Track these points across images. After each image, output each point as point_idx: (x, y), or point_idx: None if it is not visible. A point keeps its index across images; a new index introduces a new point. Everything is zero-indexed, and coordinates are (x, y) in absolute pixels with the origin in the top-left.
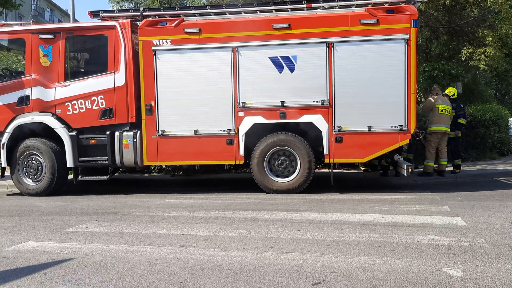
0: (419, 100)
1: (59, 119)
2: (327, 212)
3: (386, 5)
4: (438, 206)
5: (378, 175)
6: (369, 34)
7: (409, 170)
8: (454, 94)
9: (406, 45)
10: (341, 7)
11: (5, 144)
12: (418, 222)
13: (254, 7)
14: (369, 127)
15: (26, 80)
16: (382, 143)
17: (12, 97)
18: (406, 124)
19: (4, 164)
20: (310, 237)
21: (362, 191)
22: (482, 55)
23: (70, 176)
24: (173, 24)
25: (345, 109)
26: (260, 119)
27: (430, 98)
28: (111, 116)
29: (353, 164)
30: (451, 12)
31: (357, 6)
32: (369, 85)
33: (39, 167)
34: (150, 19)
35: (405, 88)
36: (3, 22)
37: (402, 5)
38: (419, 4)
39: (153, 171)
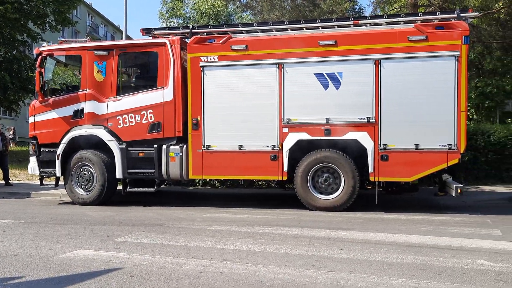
0: (470, 117)
1: (110, 132)
2: (371, 231)
3: (435, 22)
4: (489, 229)
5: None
6: (417, 51)
7: (458, 191)
8: None
9: (456, 62)
10: (388, 23)
11: (60, 155)
12: (466, 246)
13: (301, 24)
14: (416, 145)
15: (81, 94)
16: (430, 162)
17: (68, 110)
18: (455, 143)
19: (58, 174)
20: (353, 256)
21: (408, 211)
22: None
23: (119, 187)
24: (220, 41)
25: (391, 127)
26: (305, 136)
27: None
28: (159, 130)
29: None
30: (506, 26)
31: (405, 22)
32: (417, 103)
33: (91, 178)
34: (198, 36)
35: (455, 106)
36: (62, 39)
37: (453, 21)
38: (471, 20)
39: (197, 184)
